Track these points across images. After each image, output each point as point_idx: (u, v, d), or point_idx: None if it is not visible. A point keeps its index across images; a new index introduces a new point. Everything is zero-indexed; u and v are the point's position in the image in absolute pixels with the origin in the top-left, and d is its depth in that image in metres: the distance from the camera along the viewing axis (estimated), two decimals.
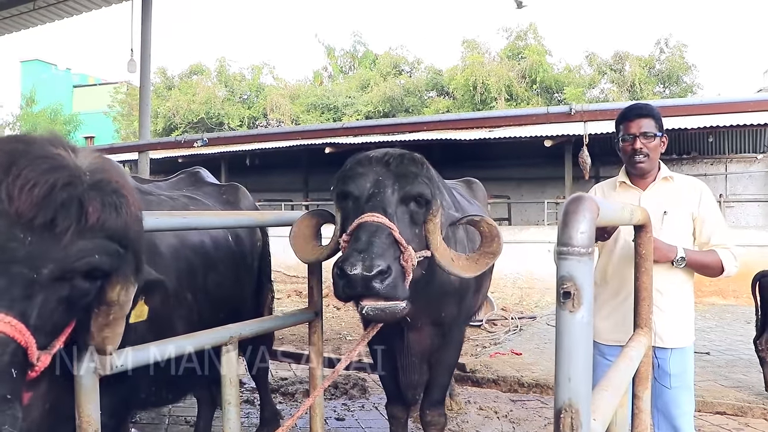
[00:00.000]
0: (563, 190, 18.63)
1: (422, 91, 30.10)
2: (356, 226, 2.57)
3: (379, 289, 2.39)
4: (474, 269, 2.94)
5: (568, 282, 1.37)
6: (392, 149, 2.89)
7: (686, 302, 3.27)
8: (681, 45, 25.99)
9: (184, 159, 19.20)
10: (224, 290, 3.52)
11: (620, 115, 3.38)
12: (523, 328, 9.65)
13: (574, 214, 1.42)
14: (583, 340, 1.38)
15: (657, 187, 3.32)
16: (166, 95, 31.45)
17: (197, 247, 3.29)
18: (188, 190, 4.01)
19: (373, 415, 5.53)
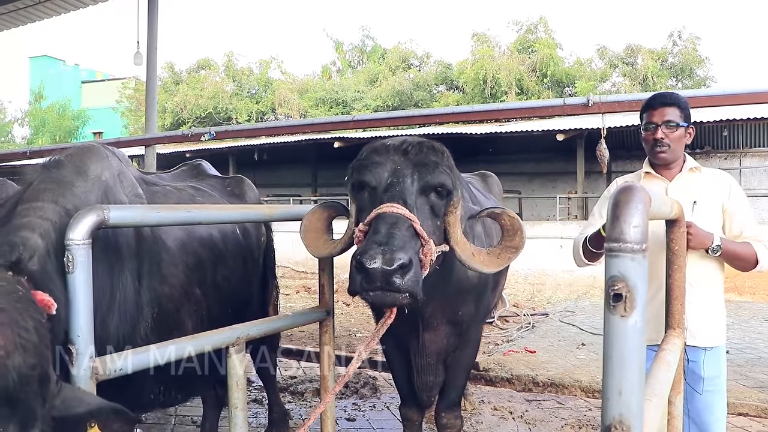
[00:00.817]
0: (574, 185, 18.41)
1: (431, 86, 29.86)
2: (374, 217, 2.41)
3: (399, 284, 2.22)
4: (495, 264, 2.78)
5: (619, 283, 1.21)
6: (410, 137, 2.72)
7: (717, 296, 3.10)
8: (694, 38, 25.63)
9: (191, 154, 19.10)
10: (233, 285, 3.39)
11: (645, 104, 3.21)
12: (535, 325, 9.48)
13: (625, 205, 1.26)
14: (636, 348, 1.22)
15: (684, 178, 3.14)
16: (173, 90, 31.38)
17: (205, 241, 3.16)
18: (192, 182, 3.87)
19: (384, 415, 5.38)
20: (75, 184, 2.43)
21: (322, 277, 3.32)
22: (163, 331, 2.71)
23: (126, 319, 2.55)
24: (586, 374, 6.37)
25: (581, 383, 6.09)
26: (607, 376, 1.23)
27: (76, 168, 2.50)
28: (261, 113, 31.14)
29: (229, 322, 2.81)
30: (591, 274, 13.13)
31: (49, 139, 38.56)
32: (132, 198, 2.70)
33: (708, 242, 2.91)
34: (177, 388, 3.12)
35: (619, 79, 26.13)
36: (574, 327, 9.10)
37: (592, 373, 6.43)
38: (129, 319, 2.57)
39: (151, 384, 2.79)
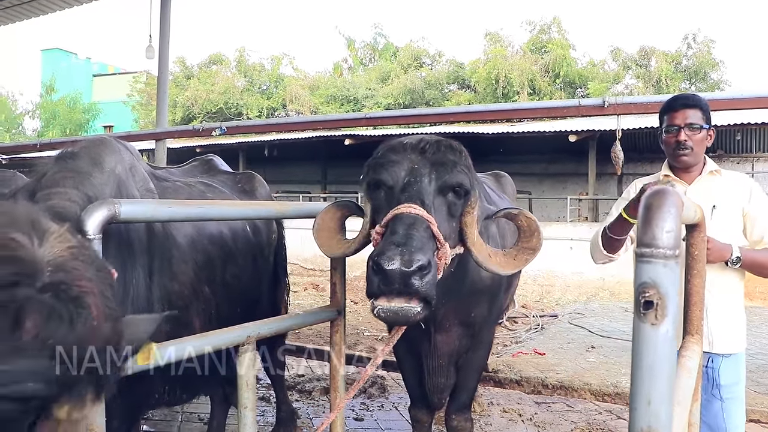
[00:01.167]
0: (585, 186, 18.33)
1: (443, 84, 29.75)
2: (392, 218, 2.37)
3: (418, 286, 2.19)
4: (512, 266, 2.75)
5: (650, 290, 1.16)
6: (427, 135, 2.68)
7: (737, 303, 3.04)
8: (709, 41, 25.41)
9: (202, 149, 19.12)
10: (242, 283, 3.35)
11: (665, 106, 3.14)
12: (544, 326, 9.42)
13: (658, 209, 1.20)
14: (667, 358, 1.17)
15: (704, 182, 3.08)
16: (184, 85, 31.40)
17: (215, 238, 3.12)
18: (203, 177, 3.84)
19: (393, 415, 5.34)
20: (93, 175, 2.41)
21: (334, 276, 3.28)
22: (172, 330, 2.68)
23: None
24: (596, 377, 6.31)
25: (591, 386, 6.03)
26: (635, 385, 1.19)
27: (92, 160, 2.48)
28: (272, 109, 31.12)
29: (237, 322, 2.78)
30: (600, 276, 13.06)
31: (60, 131, 38.71)
32: (143, 192, 2.67)
33: (727, 255, 2.84)
34: (183, 387, 3.09)
35: (633, 81, 25.94)
36: (584, 329, 9.04)
37: (601, 376, 6.37)
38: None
39: (158, 383, 2.76)
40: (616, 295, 12.76)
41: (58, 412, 1.35)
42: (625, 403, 5.76)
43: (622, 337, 8.36)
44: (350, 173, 23.92)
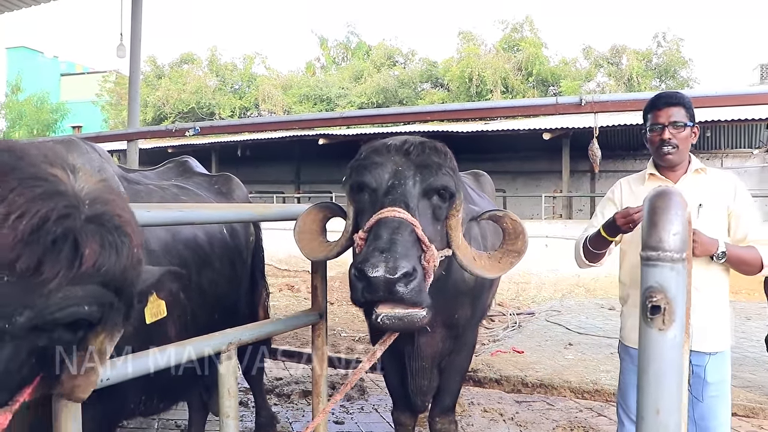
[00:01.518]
0: (558, 183, 18.46)
1: (416, 83, 29.76)
2: (375, 222, 2.30)
3: (403, 293, 2.13)
4: (497, 269, 2.71)
5: (657, 294, 1.13)
6: (411, 137, 2.62)
7: (722, 300, 3.04)
8: (678, 39, 25.75)
9: (174, 149, 18.87)
10: (219, 289, 3.25)
11: (648, 104, 3.13)
12: (521, 324, 9.44)
13: (664, 211, 1.17)
14: (675, 364, 1.14)
15: (689, 180, 3.06)
16: (155, 84, 30.98)
17: (190, 242, 3.02)
18: (178, 180, 3.74)
19: (373, 417, 5.28)
20: None
21: (315, 279, 3.21)
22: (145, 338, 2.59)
23: None
24: (575, 375, 6.32)
25: (571, 384, 6.03)
26: (643, 393, 1.15)
27: None
28: (244, 109, 30.86)
29: (215, 328, 2.70)
30: (575, 274, 13.14)
31: (26, 132, 37.93)
32: None
33: (713, 249, 2.83)
34: (160, 395, 2.99)
35: (604, 79, 26.20)
36: (561, 327, 9.07)
37: (581, 373, 6.38)
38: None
39: (134, 392, 2.66)
40: (591, 292, 12.86)
41: (92, 342, 1.52)
42: (605, 400, 5.78)
43: (599, 334, 8.40)
44: (324, 173, 23.84)
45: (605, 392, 5.84)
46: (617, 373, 6.29)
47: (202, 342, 2.42)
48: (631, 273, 3.18)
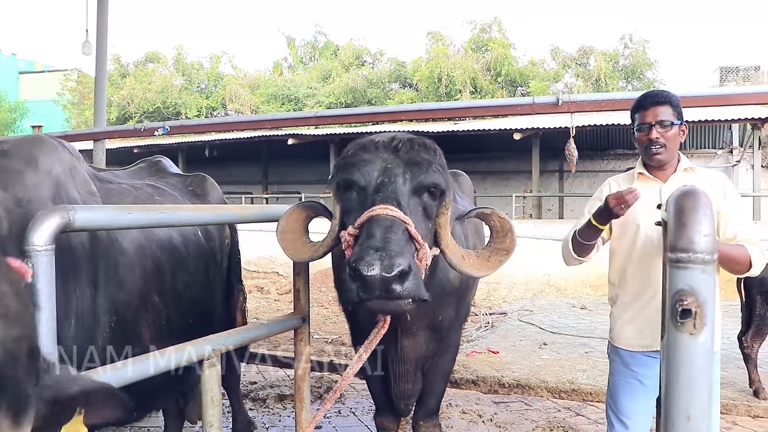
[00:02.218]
0: (527, 183, 18.60)
1: (385, 83, 29.72)
2: (367, 220, 2.23)
3: (400, 291, 2.07)
4: (486, 268, 2.66)
5: (688, 297, 1.07)
6: (399, 133, 2.55)
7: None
8: (644, 41, 26.17)
9: (140, 149, 18.53)
10: (195, 292, 3.14)
11: (636, 104, 3.11)
12: (494, 324, 9.43)
13: (692, 212, 1.11)
14: (706, 369, 1.08)
15: (679, 179, 3.05)
16: (120, 83, 30.38)
17: (165, 244, 2.90)
18: (151, 179, 3.60)
19: (351, 421, 5.20)
20: (24, 175, 2.17)
21: (297, 281, 3.12)
22: (120, 344, 2.48)
23: (83, 332, 2.30)
24: (552, 374, 6.32)
25: (547, 384, 6.03)
26: (672, 399, 1.10)
27: (24, 159, 2.24)
28: (211, 109, 30.48)
29: (190, 332, 2.60)
30: (546, 273, 13.23)
31: None
32: (85, 196, 2.44)
33: None
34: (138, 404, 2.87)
35: (572, 80, 26.50)
36: (534, 326, 9.09)
37: (557, 373, 6.39)
38: (86, 331, 2.32)
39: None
40: (561, 291, 12.95)
41: None
42: (582, 399, 5.78)
43: (573, 333, 8.45)
44: (293, 173, 23.67)
45: (582, 392, 5.85)
46: (594, 372, 6.38)
47: (185, 349, 2.32)
48: (620, 273, 3.16)
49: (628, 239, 3.08)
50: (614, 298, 3.22)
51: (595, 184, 17.66)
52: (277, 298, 12.98)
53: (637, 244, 3.05)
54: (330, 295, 11.37)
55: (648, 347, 3.07)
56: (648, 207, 3.09)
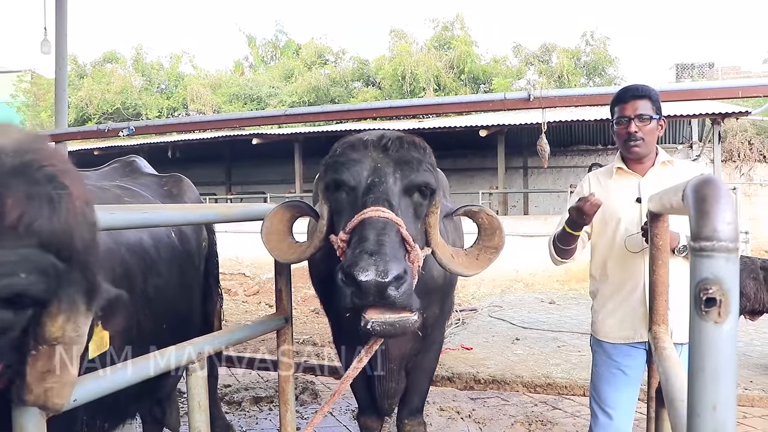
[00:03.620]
0: (492, 180, 18.72)
1: (348, 81, 29.62)
2: (359, 223, 2.18)
3: (395, 297, 2.02)
4: (476, 266, 2.64)
5: (713, 286, 1.06)
6: (388, 131, 2.52)
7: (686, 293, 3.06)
8: (605, 38, 26.54)
9: (100, 151, 18.15)
10: (168, 297, 3.04)
11: (615, 97, 3.14)
12: (465, 321, 9.48)
13: (715, 200, 1.10)
14: (731, 358, 1.08)
15: (656, 172, 3.09)
16: (77, 84, 29.64)
17: (134, 247, 2.79)
18: (123, 180, 3.49)
19: (329, 422, 5.16)
20: None
21: (279, 282, 3.06)
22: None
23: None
24: (526, 369, 6.37)
25: (523, 379, 6.07)
26: (697, 390, 1.09)
27: None
28: (172, 109, 29.98)
29: (164, 338, 2.52)
30: (514, 269, 13.35)
31: None
32: None
33: (674, 243, 2.88)
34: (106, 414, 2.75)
35: (535, 77, 26.79)
36: (505, 322, 9.16)
37: (531, 368, 6.43)
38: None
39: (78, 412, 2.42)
40: (530, 286, 13.08)
41: (50, 328, 1.22)
42: (557, 393, 5.83)
43: (544, 328, 8.53)
44: (257, 173, 23.44)
45: (557, 385, 5.90)
46: (567, 366, 6.44)
47: (168, 354, 2.24)
48: (601, 267, 3.19)
49: (609, 234, 3.11)
50: (595, 292, 3.25)
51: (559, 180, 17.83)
52: (244, 299, 12.84)
53: (617, 239, 3.08)
54: (297, 296, 11.29)
55: (630, 339, 3.10)
56: (627, 201, 3.12)
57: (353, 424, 4.96)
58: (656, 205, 2.26)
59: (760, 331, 7.11)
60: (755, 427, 4.86)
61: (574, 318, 9.28)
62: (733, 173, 18.28)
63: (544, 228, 12.97)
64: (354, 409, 5.19)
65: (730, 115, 14.47)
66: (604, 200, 3.13)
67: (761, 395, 5.43)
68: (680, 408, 1.44)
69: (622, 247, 3.05)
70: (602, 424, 3.18)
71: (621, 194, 3.13)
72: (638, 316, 3.02)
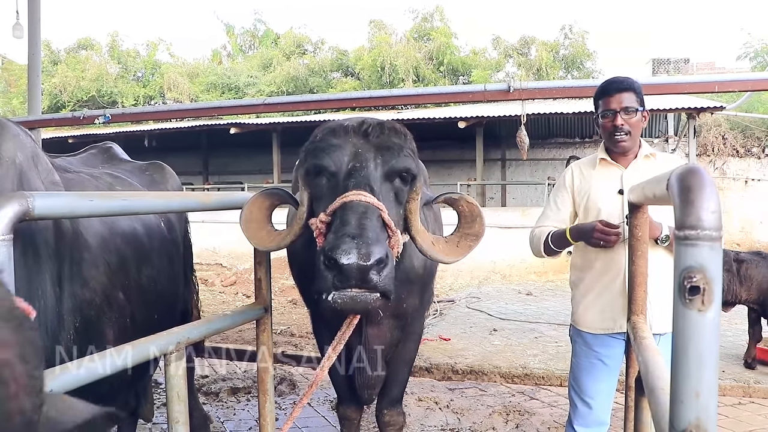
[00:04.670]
0: (470, 172, 18.77)
1: (327, 72, 29.45)
2: (340, 206, 2.17)
3: (377, 281, 2.02)
4: (456, 254, 2.64)
5: (696, 274, 1.07)
6: (368, 117, 2.51)
7: (667, 283, 3.10)
8: (583, 32, 26.70)
9: (75, 139, 17.86)
10: (159, 286, 3.02)
11: (599, 90, 3.15)
12: (443, 312, 9.51)
13: (699, 189, 1.11)
14: (714, 345, 1.09)
15: (639, 165, 3.11)
16: (51, 71, 29.08)
17: (129, 236, 2.76)
18: (105, 167, 3.44)
19: (307, 412, 5.14)
20: None
21: (258, 271, 3.04)
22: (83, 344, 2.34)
23: (47, 333, 2.16)
24: (504, 360, 6.41)
25: (500, 369, 6.11)
26: (681, 377, 1.10)
27: None
28: (149, 97, 29.59)
29: (155, 329, 2.49)
30: (491, 260, 13.41)
31: None
32: (48, 186, 2.28)
33: (657, 233, 2.91)
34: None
35: (514, 69, 26.87)
36: (483, 313, 9.20)
37: (509, 358, 6.48)
38: (50, 332, 2.18)
39: None
40: (507, 278, 13.16)
41: None
42: (535, 383, 5.88)
43: (521, 319, 8.58)
44: (235, 163, 23.23)
45: (535, 376, 5.95)
46: (544, 357, 6.50)
47: (148, 343, 2.21)
48: (582, 257, 3.21)
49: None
50: (576, 282, 3.27)
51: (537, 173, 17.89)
52: (221, 290, 12.77)
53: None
54: (275, 286, 11.24)
55: (610, 329, 3.13)
56: (610, 192, 3.14)
57: (332, 414, 4.96)
58: (637, 196, 2.27)
59: (732, 322, 7.22)
60: (726, 416, 4.94)
61: (551, 309, 9.36)
62: (707, 167, 18.50)
63: (521, 220, 13.06)
64: (333, 400, 5.19)
65: (706, 110, 14.65)
66: (586, 191, 3.15)
67: (732, 384, 5.53)
68: (661, 396, 1.45)
69: None
70: (581, 413, 3.21)
71: (603, 185, 3.15)
72: (618, 306, 3.04)
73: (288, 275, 9.29)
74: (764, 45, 21.27)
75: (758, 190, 17.72)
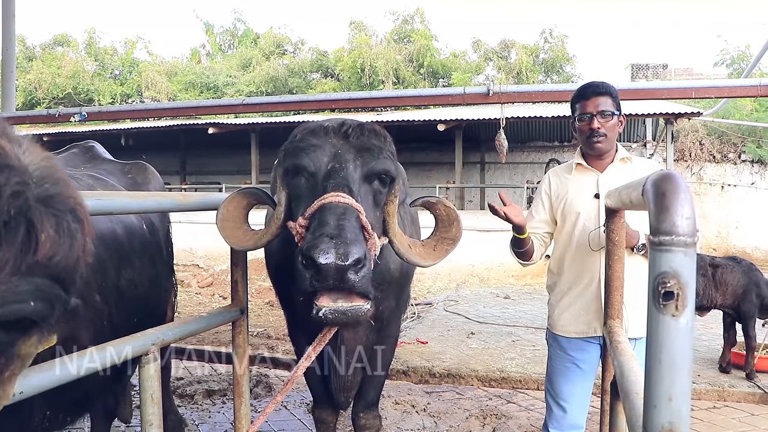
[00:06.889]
0: (449, 175, 18.83)
1: (307, 72, 29.37)
2: (318, 207, 2.16)
3: (354, 281, 2.02)
4: (433, 257, 2.64)
5: (670, 279, 1.08)
6: (348, 119, 2.50)
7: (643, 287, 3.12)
8: (563, 36, 26.94)
9: (50, 137, 17.62)
10: (139, 289, 2.97)
11: (576, 94, 3.18)
12: (421, 315, 9.51)
13: (674, 195, 1.12)
14: (688, 350, 1.10)
15: (615, 169, 3.14)
16: (26, 67, 28.64)
17: (108, 238, 2.72)
18: (87, 168, 3.39)
19: (283, 415, 5.12)
20: None
21: (235, 272, 3.01)
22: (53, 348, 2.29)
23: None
24: (481, 363, 6.42)
25: (478, 373, 6.12)
26: (654, 381, 1.10)
27: None
28: (126, 96, 29.25)
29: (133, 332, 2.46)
30: (470, 263, 13.45)
31: None
32: None
33: (633, 241, 2.94)
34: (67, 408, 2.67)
35: (494, 73, 27.01)
36: (460, 316, 9.22)
37: (486, 362, 6.49)
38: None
39: (36, 408, 2.35)
40: (485, 281, 13.21)
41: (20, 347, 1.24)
42: (512, 387, 5.90)
43: (499, 323, 8.61)
44: (212, 163, 23.06)
45: (512, 379, 5.97)
46: (522, 360, 6.52)
47: (123, 344, 2.18)
48: (559, 261, 3.22)
49: (568, 229, 3.16)
50: (552, 286, 3.29)
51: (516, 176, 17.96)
52: (198, 291, 12.66)
53: (575, 234, 3.12)
54: (252, 288, 11.17)
55: (584, 333, 3.15)
56: (586, 197, 3.17)
57: (308, 417, 4.94)
58: (613, 201, 2.29)
59: (707, 326, 7.31)
60: (701, 419, 5.00)
61: (528, 313, 9.40)
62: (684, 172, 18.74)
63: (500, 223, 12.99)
64: (309, 403, 5.16)
65: (683, 116, 14.82)
66: (563, 196, 3.17)
67: (707, 388, 5.59)
68: (635, 400, 1.46)
69: (579, 243, 3.09)
70: (557, 416, 3.23)
71: (580, 190, 3.18)
72: (593, 310, 3.07)
73: (265, 277, 9.23)
74: (740, 52, 21.59)
75: (734, 195, 18.00)
